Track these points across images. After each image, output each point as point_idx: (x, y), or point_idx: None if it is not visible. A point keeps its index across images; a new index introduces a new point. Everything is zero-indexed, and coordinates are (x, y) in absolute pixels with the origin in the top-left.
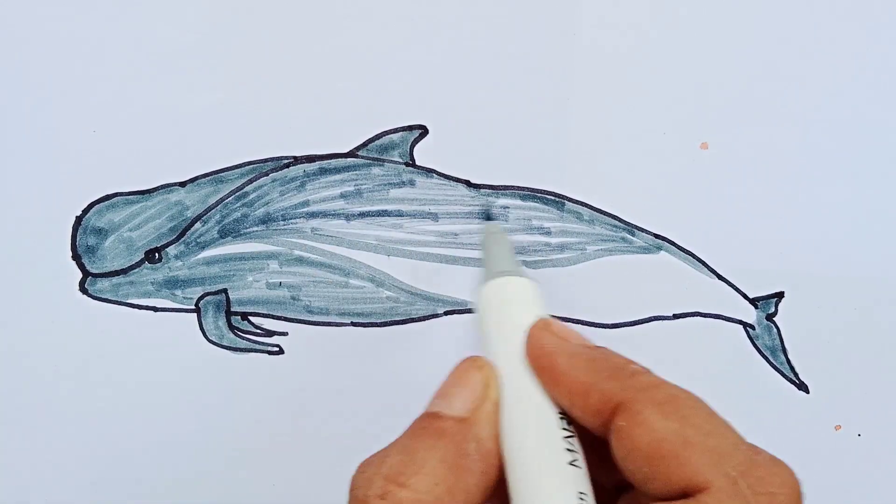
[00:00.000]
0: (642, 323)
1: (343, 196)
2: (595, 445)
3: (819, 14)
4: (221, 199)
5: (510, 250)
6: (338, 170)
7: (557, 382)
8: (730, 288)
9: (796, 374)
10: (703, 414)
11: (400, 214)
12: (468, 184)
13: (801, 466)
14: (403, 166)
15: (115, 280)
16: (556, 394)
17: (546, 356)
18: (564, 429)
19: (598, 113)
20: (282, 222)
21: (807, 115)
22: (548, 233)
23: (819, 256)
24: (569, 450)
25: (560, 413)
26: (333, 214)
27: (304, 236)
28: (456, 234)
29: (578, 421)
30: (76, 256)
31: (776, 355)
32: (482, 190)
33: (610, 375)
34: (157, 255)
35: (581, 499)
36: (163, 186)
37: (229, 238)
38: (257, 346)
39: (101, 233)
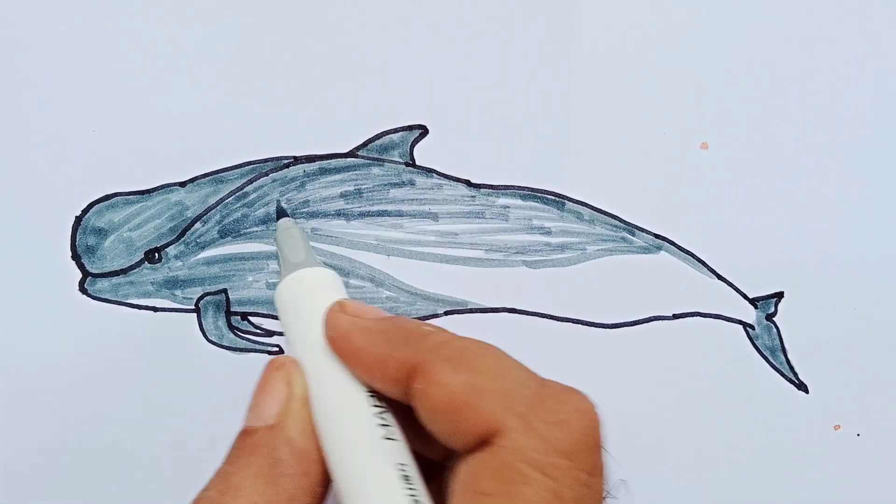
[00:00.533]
0: (642, 323)
1: (343, 196)
2: (414, 422)
3: (819, 14)
4: (221, 199)
5: (302, 243)
6: (338, 170)
7: (357, 360)
8: (730, 288)
9: (796, 374)
10: (492, 360)
11: (400, 214)
12: (468, 184)
13: (800, 466)
14: (403, 166)
15: (114, 280)
16: (359, 372)
17: (342, 337)
18: (375, 405)
19: (598, 113)
20: None
21: (807, 115)
22: (548, 233)
23: (819, 256)
24: (382, 425)
25: (369, 391)
26: (333, 214)
27: None
28: (456, 234)
29: (383, 393)
30: (76, 256)
31: (776, 355)
32: (482, 190)
33: (403, 342)
34: (156, 255)
35: (401, 469)
36: (163, 186)
37: (229, 238)
38: (257, 346)
39: (101, 233)
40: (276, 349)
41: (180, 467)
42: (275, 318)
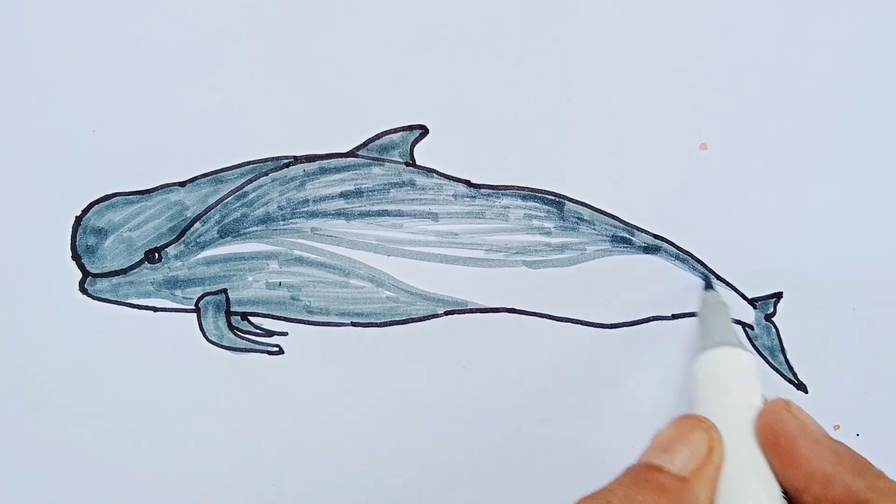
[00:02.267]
0: (642, 323)
1: (343, 196)
2: None
3: (819, 14)
4: (221, 199)
5: (731, 321)
6: (338, 169)
7: (795, 465)
8: (729, 288)
9: (795, 375)
10: None
11: (400, 214)
12: (468, 184)
13: None
14: (403, 166)
15: (114, 280)
16: (791, 475)
17: (787, 437)
18: None
19: (598, 113)
20: (281, 222)
21: (807, 116)
22: (548, 233)
23: (818, 257)
24: None
25: (783, 494)
26: (333, 214)
27: (303, 236)
28: (456, 234)
29: None
30: (76, 256)
31: (775, 355)
32: (482, 190)
33: (855, 471)
34: (156, 255)
35: None
36: (162, 186)
37: (229, 238)
38: (257, 346)
39: (101, 233)
40: (276, 349)
41: (180, 467)
42: (275, 317)
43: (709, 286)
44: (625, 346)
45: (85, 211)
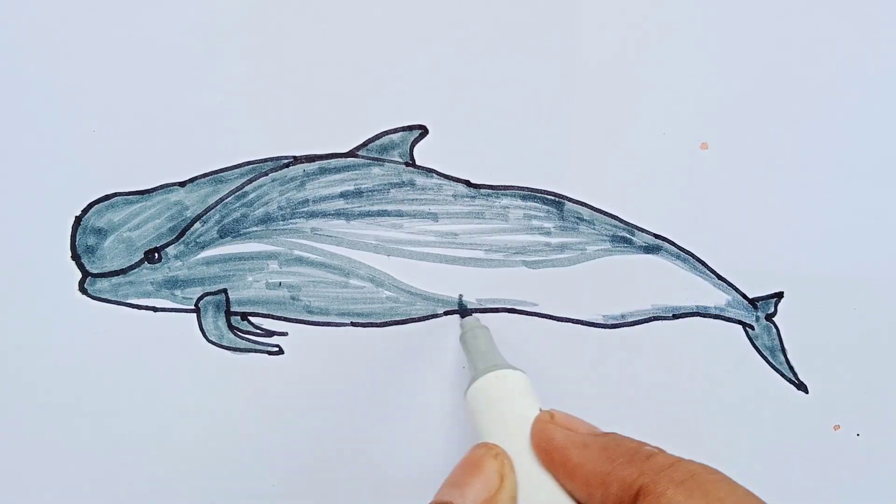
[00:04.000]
0: (642, 323)
1: (343, 196)
2: None
3: (819, 14)
4: (221, 199)
5: (492, 342)
6: (338, 170)
7: (573, 475)
8: (729, 288)
9: (795, 374)
10: (725, 487)
11: (400, 214)
12: (468, 184)
13: (800, 466)
14: (403, 166)
15: (114, 280)
16: (572, 486)
17: (557, 449)
18: None
19: (598, 113)
20: (281, 222)
21: (807, 115)
22: (548, 233)
23: (818, 256)
24: None
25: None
26: (333, 214)
27: (303, 236)
28: (456, 234)
29: None
30: (76, 256)
31: (775, 355)
32: (482, 190)
33: (626, 461)
34: (156, 255)
35: None
36: (162, 186)
37: (229, 238)
38: (257, 347)
39: (101, 233)
40: (276, 349)
41: (180, 467)
42: (275, 317)
43: (465, 313)
44: (625, 346)
45: (85, 211)
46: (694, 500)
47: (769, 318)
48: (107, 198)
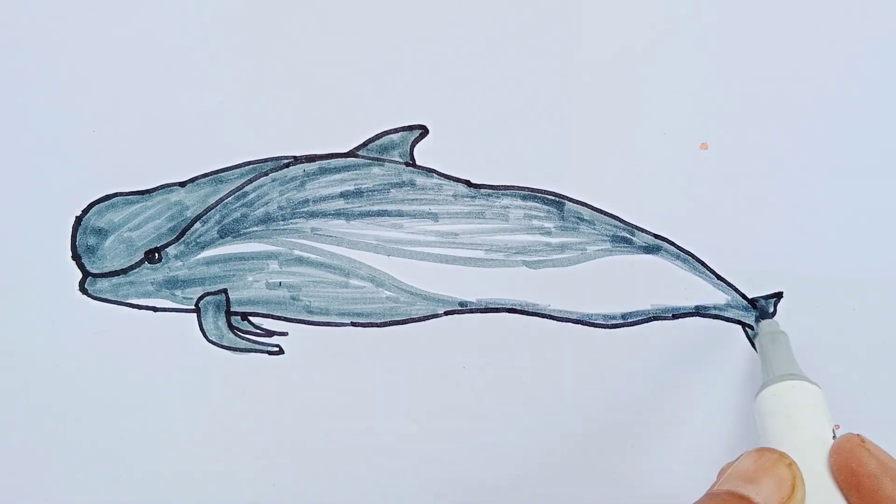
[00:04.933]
0: (642, 323)
1: (343, 196)
2: None
3: (819, 14)
4: (221, 199)
5: (791, 351)
6: (338, 170)
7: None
8: (729, 288)
9: None
10: None
11: (400, 214)
12: (468, 184)
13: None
14: (403, 166)
15: (114, 280)
16: None
17: (868, 476)
18: None
19: (598, 113)
20: (281, 222)
21: (807, 115)
22: (548, 233)
23: (819, 256)
24: None
25: None
26: (333, 214)
27: (304, 236)
28: (456, 234)
29: None
30: (76, 256)
31: None
32: (482, 190)
33: None
34: (156, 255)
35: None
36: (163, 186)
37: (229, 238)
38: (257, 346)
39: (101, 233)
40: (276, 349)
41: (180, 467)
42: (275, 317)
43: (765, 315)
44: (625, 346)
45: (85, 211)
46: None
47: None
48: (107, 198)
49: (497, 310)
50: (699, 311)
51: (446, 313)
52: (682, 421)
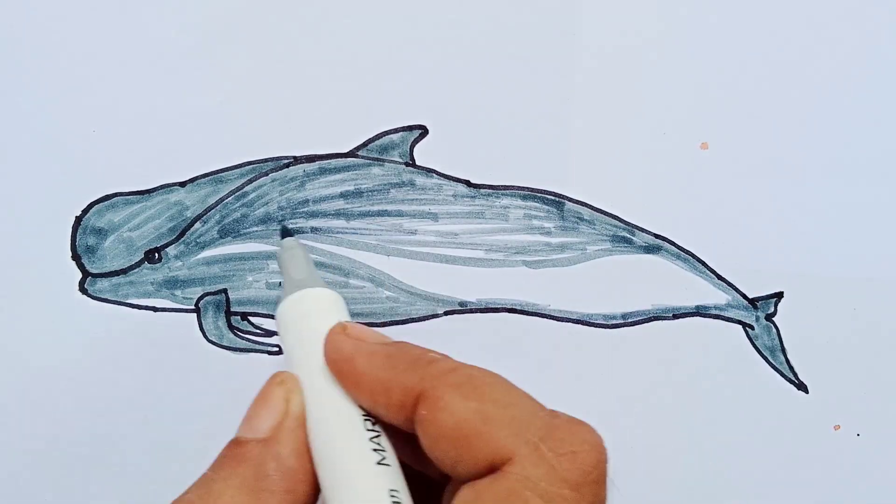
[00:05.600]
0: (642, 323)
1: (343, 196)
2: (412, 441)
3: (819, 14)
4: (221, 199)
5: (306, 263)
6: (338, 170)
7: (358, 384)
8: (729, 288)
9: (795, 375)
10: (501, 389)
11: (400, 214)
12: (468, 184)
13: (800, 466)
14: (403, 166)
15: (114, 280)
16: (359, 395)
17: (344, 360)
18: (370, 429)
19: (599, 113)
20: (281, 222)
21: (807, 115)
22: (548, 233)
23: (819, 256)
24: (376, 449)
25: (364, 415)
26: (333, 214)
27: (303, 236)
28: (456, 234)
29: (384, 419)
30: (76, 256)
31: (775, 355)
32: (482, 190)
33: (408, 367)
34: (156, 255)
35: (392, 496)
36: (163, 186)
37: (229, 238)
38: (257, 346)
39: (101, 233)
40: (276, 349)
41: (180, 467)
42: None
43: (286, 233)
44: (625, 346)
45: (85, 211)
46: (469, 402)
47: (769, 318)
48: (107, 198)
49: (497, 310)
50: (699, 311)
51: (446, 313)
52: (682, 421)
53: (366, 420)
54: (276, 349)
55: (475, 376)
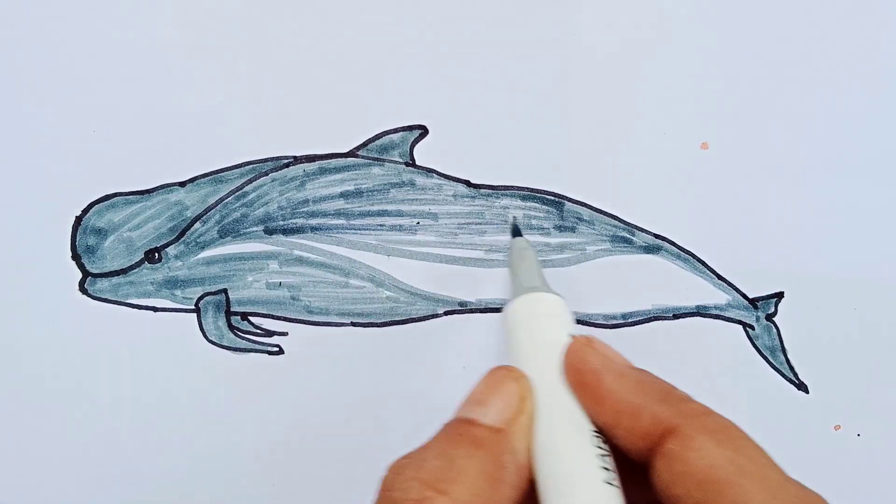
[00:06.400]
0: (642, 323)
1: (343, 196)
2: (626, 469)
3: (819, 14)
4: (221, 199)
5: (538, 266)
6: (338, 170)
7: (602, 401)
8: (730, 288)
9: (796, 374)
10: (754, 446)
11: (400, 214)
12: (468, 184)
13: (800, 466)
14: (403, 166)
15: (114, 280)
16: (599, 412)
17: (591, 373)
18: (599, 447)
19: (598, 113)
20: (282, 222)
21: (807, 115)
22: (548, 233)
23: (819, 256)
24: (604, 468)
25: (595, 432)
26: (333, 214)
27: (304, 236)
28: (456, 234)
29: (620, 441)
30: (76, 256)
31: (776, 355)
32: (482, 190)
33: (660, 399)
34: (156, 255)
35: None
36: (162, 186)
37: (229, 238)
38: (257, 346)
39: (101, 233)
40: (276, 349)
41: (180, 467)
42: (275, 317)
43: (517, 233)
44: (625, 346)
45: (85, 211)
46: (724, 450)
47: (769, 318)
48: (107, 198)
49: (497, 310)
50: (700, 311)
51: (446, 313)
52: None
53: (596, 437)
54: (277, 349)
55: (730, 426)
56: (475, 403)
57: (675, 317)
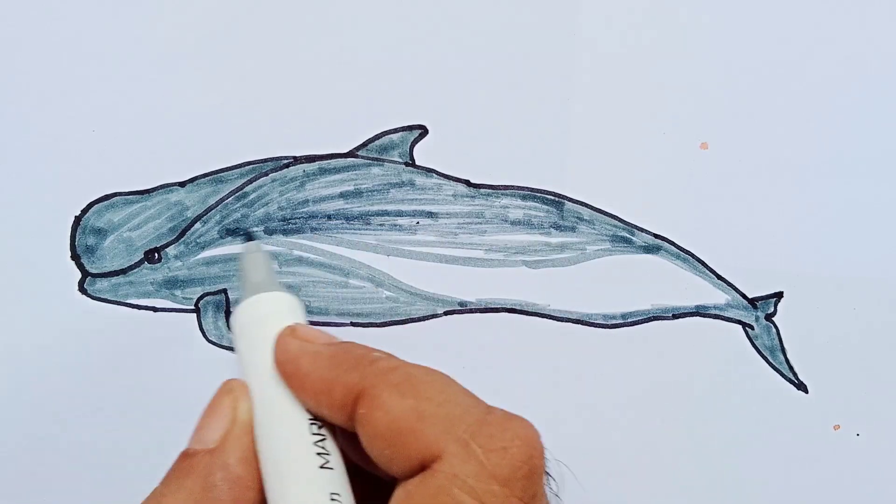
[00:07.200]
0: (642, 323)
1: (343, 196)
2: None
3: (819, 14)
4: (221, 200)
5: (264, 267)
6: (338, 170)
7: (303, 385)
8: (729, 288)
9: (795, 374)
10: (438, 386)
11: (399, 214)
12: (468, 184)
13: (800, 466)
14: (403, 166)
15: (114, 280)
16: (303, 397)
17: (290, 361)
18: (315, 433)
19: (598, 113)
20: (281, 222)
21: (807, 115)
22: (548, 233)
23: (819, 256)
24: (320, 453)
25: (311, 418)
26: (333, 214)
27: (303, 236)
28: (456, 234)
29: (328, 420)
30: (76, 256)
31: (775, 355)
32: (482, 190)
33: (351, 367)
34: (156, 255)
35: (333, 499)
36: (162, 186)
37: (229, 238)
38: None
39: (101, 233)
40: None
41: None
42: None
43: (249, 238)
44: (625, 346)
45: (85, 211)
46: (406, 399)
47: (769, 318)
48: (107, 198)
49: (497, 310)
50: (699, 311)
51: (446, 313)
52: (682, 421)
53: (312, 423)
54: None
55: (414, 374)
56: (196, 431)
57: (675, 317)
